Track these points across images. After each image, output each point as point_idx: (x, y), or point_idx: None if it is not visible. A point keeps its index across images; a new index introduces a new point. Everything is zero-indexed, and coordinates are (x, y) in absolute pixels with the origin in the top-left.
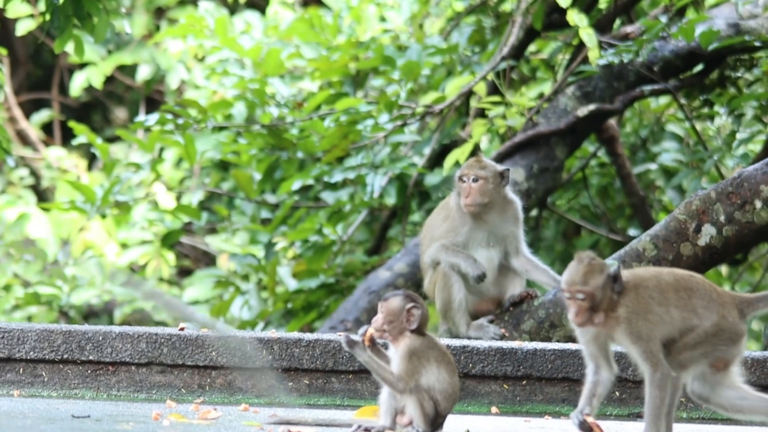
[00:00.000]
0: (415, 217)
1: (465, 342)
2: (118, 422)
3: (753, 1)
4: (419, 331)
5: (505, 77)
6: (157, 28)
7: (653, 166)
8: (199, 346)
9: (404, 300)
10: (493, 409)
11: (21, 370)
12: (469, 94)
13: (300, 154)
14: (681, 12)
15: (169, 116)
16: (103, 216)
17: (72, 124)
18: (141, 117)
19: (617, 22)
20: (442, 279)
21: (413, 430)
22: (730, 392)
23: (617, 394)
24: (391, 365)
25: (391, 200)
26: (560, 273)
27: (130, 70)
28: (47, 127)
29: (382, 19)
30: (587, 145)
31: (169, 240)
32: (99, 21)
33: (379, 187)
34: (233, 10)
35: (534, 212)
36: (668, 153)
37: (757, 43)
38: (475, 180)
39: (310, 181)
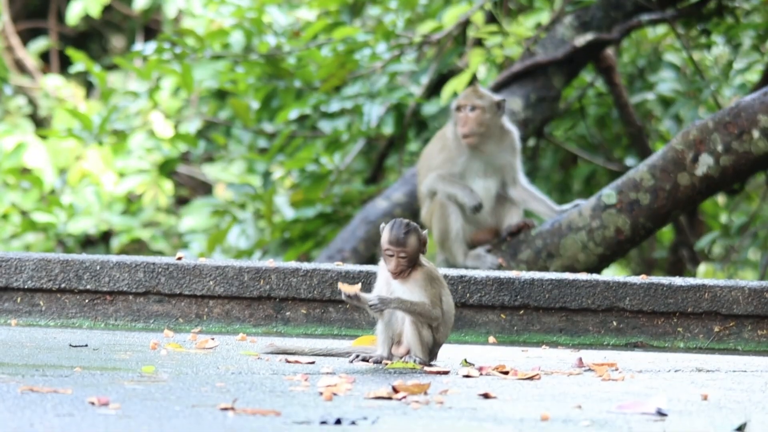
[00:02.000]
0: (413, 146)
1: (462, 272)
2: (116, 351)
3: None
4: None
5: (502, 6)
6: None
7: (651, 96)
8: (197, 276)
9: (415, 232)
10: (491, 339)
11: (19, 299)
12: (466, 23)
13: (297, 84)
14: None
15: (167, 45)
16: (101, 144)
17: (70, 51)
18: (138, 46)
19: None
20: (440, 209)
21: (411, 359)
22: None
23: (614, 323)
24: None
25: (388, 130)
26: (558, 202)
27: None
28: (45, 56)
29: None
30: (584, 75)
31: (166, 169)
32: None
33: (377, 117)
34: None
35: (531, 142)
36: (666, 83)
37: None
38: (473, 109)
39: (308, 111)
